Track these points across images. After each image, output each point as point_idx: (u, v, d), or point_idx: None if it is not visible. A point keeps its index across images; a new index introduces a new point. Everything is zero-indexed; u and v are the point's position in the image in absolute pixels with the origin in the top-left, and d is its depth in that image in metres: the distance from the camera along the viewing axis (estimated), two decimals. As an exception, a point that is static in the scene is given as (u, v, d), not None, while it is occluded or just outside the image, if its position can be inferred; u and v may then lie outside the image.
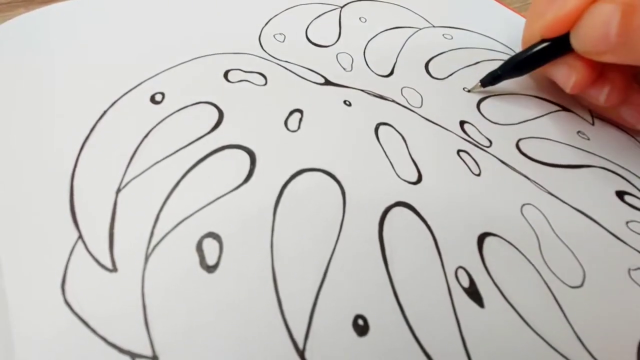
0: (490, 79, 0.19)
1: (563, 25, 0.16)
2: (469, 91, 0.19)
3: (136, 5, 0.20)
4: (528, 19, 0.19)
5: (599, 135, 0.19)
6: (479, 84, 0.19)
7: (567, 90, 0.17)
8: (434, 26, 0.23)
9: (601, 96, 0.17)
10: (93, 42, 0.18)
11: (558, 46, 0.17)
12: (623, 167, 0.18)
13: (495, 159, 0.17)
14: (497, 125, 0.18)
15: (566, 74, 0.17)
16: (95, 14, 0.19)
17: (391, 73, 0.19)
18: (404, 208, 0.14)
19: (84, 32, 0.18)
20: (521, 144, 0.18)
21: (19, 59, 0.16)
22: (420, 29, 0.22)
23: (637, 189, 0.17)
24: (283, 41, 0.20)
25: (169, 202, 0.13)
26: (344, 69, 0.19)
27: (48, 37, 0.17)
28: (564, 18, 0.16)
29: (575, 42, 0.16)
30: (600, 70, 0.17)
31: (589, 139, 0.18)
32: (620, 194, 0.17)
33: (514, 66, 0.18)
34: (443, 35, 0.22)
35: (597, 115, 0.20)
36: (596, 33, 0.15)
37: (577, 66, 0.17)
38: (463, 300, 0.13)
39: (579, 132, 0.19)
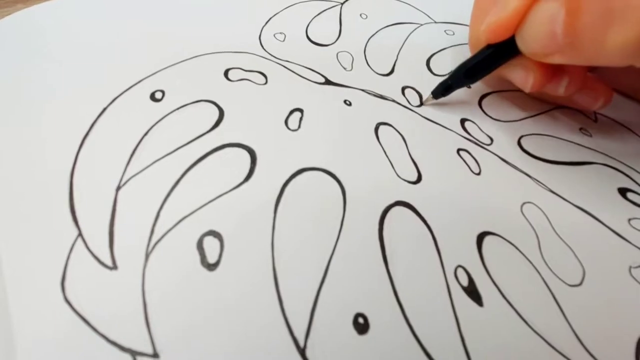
0: (442, 90, 0.18)
1: (506, 29, 0.15)
2: (422, 104, 0.18)
3: (137, 3, 0.20)
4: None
5: (602, 132, 0.19)
6: (431, 95, 0.18)
7: (527, 90, 0.17)
8: (435, 22, 0.23)
9: (560, 88, 0.16)
10: (93, 38, 0.18)
11: (505, 50, 0.16)
12: (625, 164, 0.17)
13: (495, 157, 0.17)
14: (498, 122, 0.18)
15: (523, 76, 0.16)
16: (95, 10, 0.19)
17: (392, 71, 0.19)
18: (403, 207, 0.14)
19: (84, 28, 0.18)
20: (523, 141, 0.18)
21: (18, 55, 0.16)
22: (422, 25, 0.22)
23: None
24: (283, 40, 0.19)
25: (169, 200, 0.13)
26: (344, 68, 0.19)
27: (47, 33, 0.17)
28: (507, 21, 0.15)
29: (522, 45, 0.15)
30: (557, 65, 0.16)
31: (591, 136, 0.18)
32: (623, 191, 0.17)
33: (464, 75, 0.17)
34: (445, 31, 0.22)
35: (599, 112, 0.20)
36: (541, 34, 0.14)
37: (533, 66, 0.16)
38: (462, 299, 0.13)
39: (581, 128, 0.19)
